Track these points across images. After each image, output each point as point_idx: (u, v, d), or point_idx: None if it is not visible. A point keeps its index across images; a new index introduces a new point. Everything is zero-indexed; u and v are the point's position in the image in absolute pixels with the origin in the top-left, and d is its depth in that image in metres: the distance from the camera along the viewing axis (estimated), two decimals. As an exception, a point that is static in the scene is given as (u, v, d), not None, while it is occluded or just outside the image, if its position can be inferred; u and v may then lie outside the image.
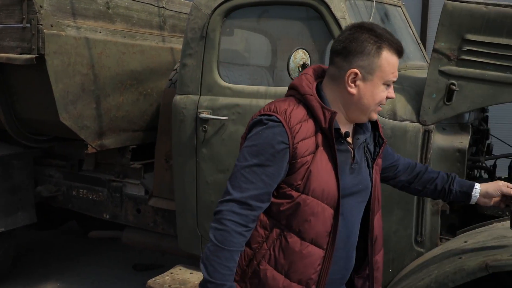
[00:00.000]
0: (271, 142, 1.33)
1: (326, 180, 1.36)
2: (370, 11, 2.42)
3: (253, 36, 2.93)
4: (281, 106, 1.38)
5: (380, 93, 1.38)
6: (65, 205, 3.45)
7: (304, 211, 1.36)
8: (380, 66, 1.35)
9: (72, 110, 2.84)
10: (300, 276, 1.38)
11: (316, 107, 1.37)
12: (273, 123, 1.35)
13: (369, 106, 1.39)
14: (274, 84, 2.90)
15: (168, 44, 3.40)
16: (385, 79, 1.37)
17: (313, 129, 1.37)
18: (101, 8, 2.96)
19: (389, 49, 1.35)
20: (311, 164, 1.35)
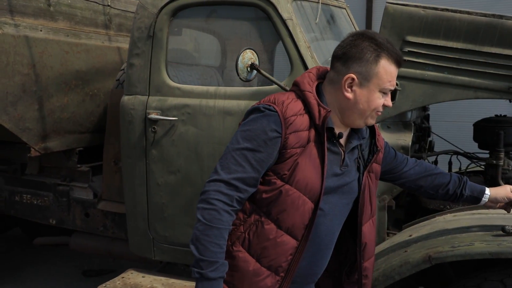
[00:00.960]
0: (265, 129, 1.38)
1: (311, 175, 1.40)
2: (316, 13, 2.47)
3: (202, 36, 2.91)
4: (280, 98, 1.44)
5: (376, 100, 1.42)
6: (7, 212, 3.29)
7: (285, 201, 1.40)
8: (377, 73, 1.39)
9: (13, 111, 2.70)
10: (271, 263, 1.42)
11: (312, 103, 1.42)
12: (269, 112, 1.40)
13: (364, 111, 1.43)
14: (224, 84, 2.90)
15: (115, 43, 3.31)
16: (382, 86, 1.41)
17: (307, 124, 1.41)
18: (41, 5, 2.83)
19: (388, 58, 1.39)
20: (299, 156, 1.39)
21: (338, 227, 1.54)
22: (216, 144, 2.36)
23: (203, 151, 2.38)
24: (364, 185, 1.53)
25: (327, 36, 2.68)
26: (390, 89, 1.43)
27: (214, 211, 1.35)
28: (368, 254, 1.59)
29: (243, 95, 2.35)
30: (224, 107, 2.35)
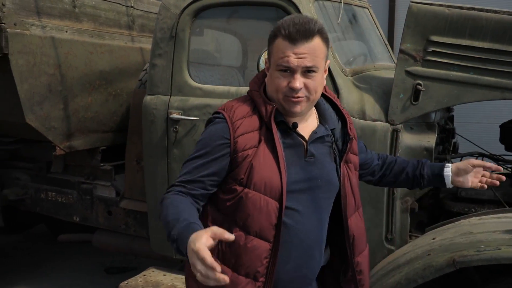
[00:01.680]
0: (213, 137, 1.40)
1: (268, 173, 1.36)
2: (338, 12, 2.45)
3: (223, 36, 2.92)
4: (231, 103, 1.46)
5: (275, 80, 1.37)
6: (33, 209, 3.37)
7: (247, 205, 1.37)
8: (272, 52, 1.38)
9: (39, 111, 2.76)
10: (247, 270, 1.38)
11: (258, 102, 1.42)
12: (218, 120, 1.42)
13: (272, 94, 1.40)
14: (245, 84, 2.90)
15: (137, 44, 3.35)
16: (276, 63, 1.36)
17: (257, 124, 1.40)
18: (67, 7, 2.89)
19: (280, 34, 1.34)
20: (253, 157, 1.37)
21: (321, 224, 1.47)
22: (237, 144, 2.36)
23: (224, 151, 2.39)
24: (343, 176, 1.48)
25: (349, 36, 2.66)
26: (284, 65, 1.33)
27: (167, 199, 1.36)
28: (359, 248, 1.53)
29: (264, 96, 2.35)
30: (245, 107, 2.35)
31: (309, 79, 1.35)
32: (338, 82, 2.23)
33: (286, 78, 1.35)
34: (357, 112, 2.21)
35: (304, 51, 1.32)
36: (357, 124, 2.19)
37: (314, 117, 1.49)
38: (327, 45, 1.39)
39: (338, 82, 2.23)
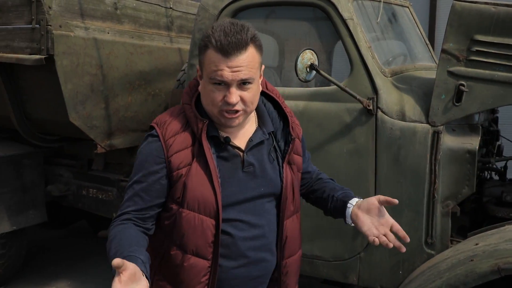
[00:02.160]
0: (147, 159, 1.35)
1: (201, 192, 1.33)
2: (377, 12, 2.41)
3: (260, 37, 2.92)
4: (164, 117, 1.38)
5: (209, 93, 1.30)
6: (75, 205, 3.48)
7: (181, 224, 1.35)
8: (203, 63, 1.30)
9: (81, 110, 2.86)
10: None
11: (190, 117, 1.35)
12: (151, 139, 1.36)
13: (207, 107, 1.34)
14: (281, 84, 2.89)
15: (176, 44, 3.40)
16: (209, 76, 1.28)
17: (190, 140, 1.35)
18: (109, 8, 2.98)
19: (212, 46, 1.26)
20: (186, 176, 1.33)
21: (269, 226, 1.43)
22: (273, 144, 2.36)
23: (260, 151, 2.39)
24: (286, 178, 1.42)
25: (389, 35, 2.61)
26: (218, 79, 1.26)
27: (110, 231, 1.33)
28: (290, 250, 1.48)
29: (301, 96, 2.34)
30: (282, 108, 2.35)
31: (245, 91, 1.29)
32: (377, 82, 2.19)
33: (221, 92, 1.28)
34: (396, 113, 2.17)
35: (238, 63, 1.25)
36: (396, 125, 2.15)
37: (252, 120, 1.43)
38: (261, 52, 1.34)
39: (377, 83, 2.19)
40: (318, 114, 2.28)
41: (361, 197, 1.51)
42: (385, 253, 2.21)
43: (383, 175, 2.19)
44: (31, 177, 3.37)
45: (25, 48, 2.75)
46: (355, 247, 2.27)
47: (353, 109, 2.22)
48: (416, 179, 2.13)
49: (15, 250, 3.38)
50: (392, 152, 2.16)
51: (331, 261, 2.33)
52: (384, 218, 1.38)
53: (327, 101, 2.28)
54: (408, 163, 2.14)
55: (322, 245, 2.34)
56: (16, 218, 3.23)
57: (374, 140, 2.19)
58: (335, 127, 2.25)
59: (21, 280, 3.66)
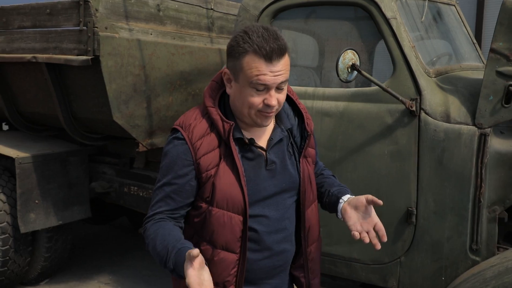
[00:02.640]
0: (176, 161, 1.40)
1: (230, 191, 1.39)
2: (422, 10, 2.35)
3: (300, 37, 2.91)
4: (188, 119, 1.43)
5: (247, 97, 1.34)
6: (117, 201, 3.58)
7: (211, 222, 1.41)
8: (242, 68, 1.33)
9: (125, 109, 2.93)
10: (217, 280, 1.42)
11: (216, 120, 1.40)
12: (177, 142, 1.41)
13: (242, 109, 1.38)
14: (321, 85, 2.88)
15: (216, 45, 3.44)
16: (249, 81, 1.32)
17: (216, 142, 1.41)
18: (152, 10, 3.04)
19: (253, 52, 1.30)
20: (215, 177, 1.39)
21: (289, 220, 1.51)
22: (312, 145, 2.35)
23: (299, 151, 2.38)
24: (303, 172, 1.50)
25: (433, 34, 2.54)
26: (261, 83, 1.31)
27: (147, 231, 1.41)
28: (313, 238, 1.57)
29: (342, 96, 2.32)
30: (322, 108, 2.33)
31: (280, 93, 1.36)
32: (420, 83, 2.14)
33: (261, 95, 1.33)
34: (441, 115, 2.10)
35: (279, 68, 1.31)
36: (440, 127, 2.09)
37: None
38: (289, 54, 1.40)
39: (420, 83, 2.14)
40: (359, 115, 2.25)
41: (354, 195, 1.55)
42: (427, 258, 2.16)
43: (425, 178, 2.13)
44: (77, 174, 3.50)
45: (73, 49, 2.85)
46: (396, 251, 2.23)
47: (395, 110, 2.18)
48: (460, 183, 2.06)
49: (61, 244, 3.51)
50: (435, 155, 2.10)
51: (370, 265, 2.30)
52: (370, 217, 1.44)
53: (368, 102, 2.25)
54: (453, 166, 2.07)
55: (360, 248, 2.30)
56: (62, 213, 3.36)
57: (417, 142, 2.14)
58: (376, 128, 2.21)
59: (66, 273, 3.80)
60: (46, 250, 3.42)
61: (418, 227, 2.17)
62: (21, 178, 3.16)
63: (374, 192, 2.23)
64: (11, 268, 3.29)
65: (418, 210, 2.16)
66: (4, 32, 3.20)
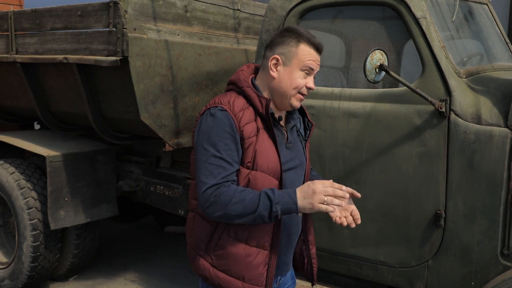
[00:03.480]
0: (224, 128, 1.52)
1: (269, 156, 1.58)
2: (452, 10, 2.30)
3: (326, 37, 2.89)
4: (224, 99, 1.58)
5: (297, 79, 1.59)
6: (143, 200, 3.63)
7: (255, 185, 1.55)
8: (297, 54, 1.58)
9: (152, 109, 2.97)
10: (258, 241, 1.59)
11: (253, 96, 1.58)
12: (220, 112, 1.54)
13: (287, 90, 1.60)
14: (348, 85, 2.85)
15: (242, 45, 3.45)
16: (302, 64, 1.58)
17: (253, 115, 1.58)
18: (180, 11, 3.07)
19: (307, 43, 1.58)
20: (256, 144, 1.56)
21: None
22: (339, 146, 2.33)
23: (325, 152, 2.37)
24: (307, 157, 1.76)
25: (464, 34, 2.48)
26: (311, 67, 1.59)
27: (224, 194, 1.48)
28: (310, 222, 1.81)
29: (369, 97, 2.29)
30: (348, 109, 2.31)
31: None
32: (450, 83, 2.09)
33: (305, 79, 1.60)
34: (471, 116, 2.06)
35: (319, 59, 1.63)
36: (471, 129, 2.04)
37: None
38: None
39: (450, 84, 2.09)
40: (386, 116, 2.22)
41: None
42: (456, 262, 2.11)
43: (455, 180, 2.09)
44: (105, 173, 3.56)
45: (102, 50, 2.91)
46: (423, 254, 2.19)
47: (423, 111, 2.14)
48: (492, 186, 2.01)
49: (89, 241, 3.59)
50: (465, 157, 2.06)
51: (397, 268, 2.26)
52: (347, 205, 1.60)
53: (396, 102, 2.21)
54: (483, 168, 2.02)
55: (387, 250, 2.27)
56: (91, 211, 3.43)
57: (446, 144, 2.10)
58: (404, 130, 2.18)
59: (93, 269, 3.88)
60: (75, 247, 3.50)
61: (447, 231, 2.13)
62: (51, 176, 3.24)
63: (401, 194, 2.20)
64: (41, 263, 3.38)
65: (447, 213, 2.12)
66: (37, 34, 3.29)
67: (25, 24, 3.35)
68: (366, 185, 2.28)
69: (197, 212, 1.66)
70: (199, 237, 1.63)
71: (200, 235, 1.62)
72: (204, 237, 1.61)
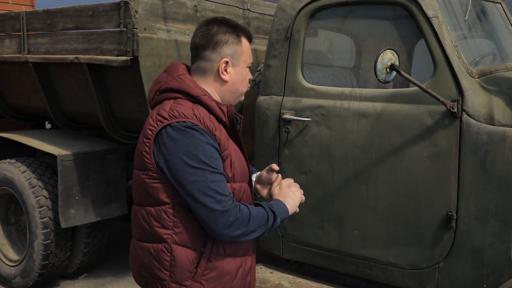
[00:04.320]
0: (204, 146, 1.41)
1: (242, 163, 1.57)
2: (465, 9, 2.27)
3: (337, 37, 2.88)
4: (185, 110, 1.45)
5: (246, 76, 1.61)
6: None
7: (237, 197, 1.52)
8: (243, 52, 1.57)
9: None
10: (243, 250, 1.57)
11: (212, 105, 1.51)
12: (193, 131, 1.41)
13: (241, 88, 1.61)
14: (358, 85, 2.84)
15: (252, 45, 3.43)
16: (248, 62, 1.60)
17: (217, 124, 1.51)
18: (190, 11, 3.08)
19: (245, 36, 1.58)
20: (231, 155, 1.51)
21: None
22: (349, 146, 2.32)
23: (335, 153, 2.36)
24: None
25: (477, 34, 2.46)
26: (251, 62, 1.63)
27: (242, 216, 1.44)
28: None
29: (379, 97, 2.28)
30: (359, 109, 2.30)
31: None
32: (462, 83, 2.07)
33: (249, 72, 1.62)
34: (484, 117, 2.03)
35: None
36: (484, 130, 2.02)
37: None
38: None
39: (462, 84, 2.07)
40: (397, 116, 2.21)
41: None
42: (467, 264, 2.09)
43: (467, 181, 2.07)
44: (114, 172, 3.58)
45: (113, 50, 2.92)
46: (434, 256, 2.17)
47: (435, 112, 2.12)
48: (504, 187, 1.99)
49: (99, 240, 3.61)
50: (478, 158, 2.04)
51: (407, 269, 2.24)
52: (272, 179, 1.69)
53: (406, 102, 2.20)
54: (496, 170, 2.00)
55: (397, 252, 2.25)
56: (101, 210, 3.45)
57: (458, 145, 2.08)
58: (415, 130, 2.16)
59: (103, 268, 3.91)
60: (85, 245, 3.52)
61: (458, 232, 2.11)
62: (62, 175, 3.27)
63: (412, 195, 2.18)
64: (52, 261, 3.41)
65: (458, 214, 2.10)
66: (48, 34, 3.31)
67: (37, 24, 3.38)
68: (376, 185, 2.26)
69: (173, 242, 1.47)
70: (182, 267, 1.47)
71: (183, 265, 1.47)
72: (188, 265, 1.47)
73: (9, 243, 3.76)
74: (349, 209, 2.35)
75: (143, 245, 1.52)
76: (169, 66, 1.62)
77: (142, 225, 1.51)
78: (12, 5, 4.92)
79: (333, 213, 2.40)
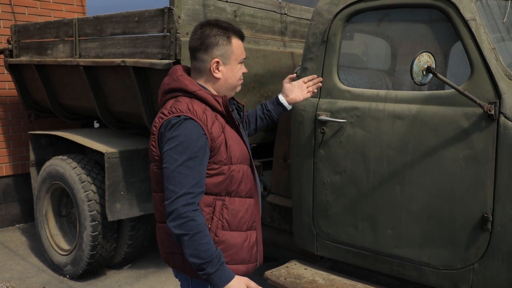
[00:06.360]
0: (191, 136, 1.59)
1: (239, 146, 1.74)
2: (504, 11, 2.27)
3: (372, 40, 2.91)
4: (181, 106, 1.65)
5: (238, 71, 1.79)
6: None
7: (237, 178, 1.71)
8: (233, 51, 1.74)
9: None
10: (249, 224, 1.77)
11: (208, 98, 1.69)
12: (185, 121, 1.60)
13: (234, 83, 1.79)
14: (393, 88, 2.86)
15: (289, 48, 3.52)
16: (239, 58, 1.77)
17: (213, 115, 1.69)
18: (229, 16, 3.19)
19: (235, 36, 1.74)
20: (226, 140, 1.68)
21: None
22: (383, 147, 2.36)
23: (370, 154, 2.41)
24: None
25: (516, 35, 2.43)
26: (243, 57, 1.79)
27: (189, 221, 1.55)
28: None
29: (415, 99, 2.30)
30: (394, 111, 2.34)
31: None
32: (500, 86, 2.07)
33: (242, 67, 1.80)
34: (520, 117, 2.03)
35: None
36: (520, 132, 2.01)
37: None
38: None
39: (500, 86, 2.07)
40: (433, 118, 2.23)
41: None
42: (503, 267, 2.09)
43: (503, 184, 2.07)
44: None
45: (157, 53, 3.08)
46: (469, 257, 2.18)
47: (471, 114, 2.13)
48: (541, 191, 1.98)
49: (142, 233, 3.79)
50: (514, 160, 2.03)
51: (441, 270, 2.26)
52: (298, 84, 2.18)
53: (443, 105, 2.22)
54: (533, 172, 1.99)
55: (431, 252, 2.28)
56: (144, 204, 3.62)
57: (495, 147, 2.08)
58: (451, 132, 2.18)
59: (145, 259, 4.09)
60: (129, 238, 3.72)
61: (494, 234, 2.11)
62: (109, 171, 3.46)
63: (447, 197, 2.20)
64: (99, 252, 3.62)
65: (494, 216, 2.10)
66: (98, 39, 3.52)
67: (87, 30, 3.60)
68: (411, 186, 2.29)
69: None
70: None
71: None
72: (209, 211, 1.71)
73: (61, 233, 4.02)
74: (383, 209, 2.39)
75: (160, 226, 1.76)
76: (170, 69, 1.82)
77: (158, 208, 1.75)
78: (65, 12, 5.22)
79: (367, 213, 2.44)
